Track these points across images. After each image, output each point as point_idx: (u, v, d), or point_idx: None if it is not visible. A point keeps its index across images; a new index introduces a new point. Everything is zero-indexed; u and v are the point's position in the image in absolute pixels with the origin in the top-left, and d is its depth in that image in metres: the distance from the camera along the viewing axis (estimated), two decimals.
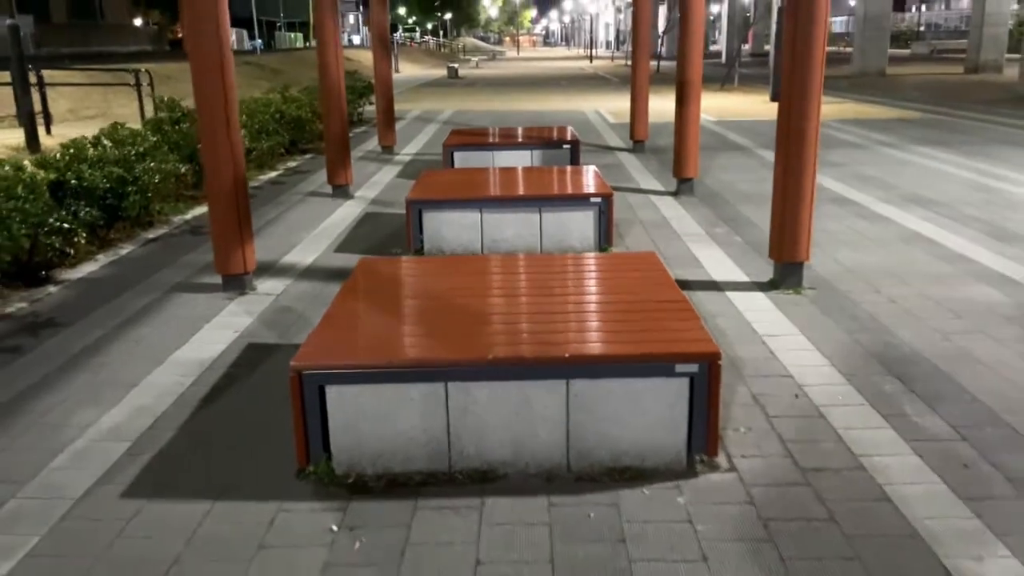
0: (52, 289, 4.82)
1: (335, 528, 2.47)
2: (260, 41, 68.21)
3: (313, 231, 6.31)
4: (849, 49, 32.71)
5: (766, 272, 4.94)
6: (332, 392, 2.68)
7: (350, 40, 73.66)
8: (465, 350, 2.74)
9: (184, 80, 19.16)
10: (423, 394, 2.69)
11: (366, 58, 30.92)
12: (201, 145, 4.63)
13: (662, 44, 32.13)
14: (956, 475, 2.72)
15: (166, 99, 7.83)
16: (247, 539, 2.42)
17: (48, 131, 11.21)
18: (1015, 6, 33.64)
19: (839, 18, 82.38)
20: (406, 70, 38.39)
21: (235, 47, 62.41)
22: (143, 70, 13.43)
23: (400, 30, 71.59)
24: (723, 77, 22.41)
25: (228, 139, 4.51)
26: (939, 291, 4.65)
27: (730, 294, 4.65)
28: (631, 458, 2.76)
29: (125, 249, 5.75)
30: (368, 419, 2.71)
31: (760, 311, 4.36)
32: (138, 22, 56.10)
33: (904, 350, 3.81)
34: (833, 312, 4.34)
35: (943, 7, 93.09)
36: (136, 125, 7.34)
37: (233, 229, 4.65)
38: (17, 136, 10.13)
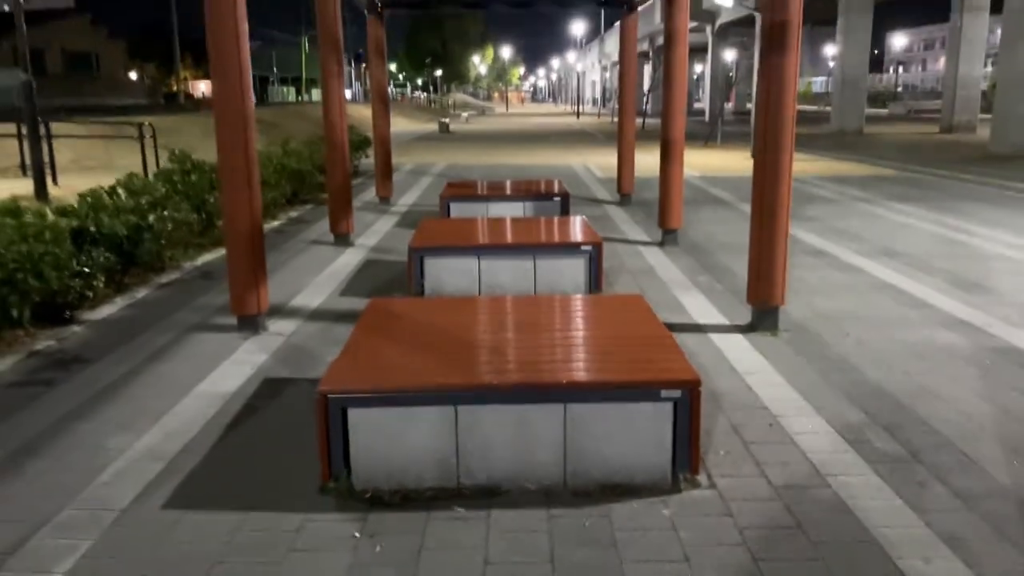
0: (76, 328, 5.12)
1: (357, 535, 2.77)
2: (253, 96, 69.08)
3: (318, 276, 6.66)
4: (828, 109, 33.78)
5: (745, 316, 5.31)
6: (354, 414, 3.00)
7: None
8: (472, 377, 3.07)
9: (182, 133, 19.62)
10: (434, 416, 3.01)
11: (358, 112, 31.70)
12: (221, 193, 4.99)
13: (647, 102, 33.07)
14: (911, 492, 3.05)
15: (177, 152, 8.22)
16: (279, 543, 2.71)
17: (55, 181, 11.58)
18: (987, 69, 34.96)
19: (819, 79, 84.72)
20: (398, 124, 39.13)
21: None
22: (147, 123, 13.87)
23: (392, 85, 73.03)
24: (706, 135, 23.19)
25: (248, 188, 4.88)
26: (904, 334, 5.02)
27: (711, 335, 5.01)
28: (622, 476, 3.07)
29: (141, 293, 6.07)
30: (385, 439, 3.02)
31: (739, 351, 4.71)
32: (133, 76, 57.09)
33: (869, 386, 4.16)
34: (806, 352, 4.70)
35: (920, 69, 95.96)
36: (139, 176, 7.70)
37: (249, 273, 4.99)
38: (23, 185, 10.49)
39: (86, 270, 5.51)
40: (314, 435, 3.06)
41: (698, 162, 16.80)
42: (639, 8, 10.63)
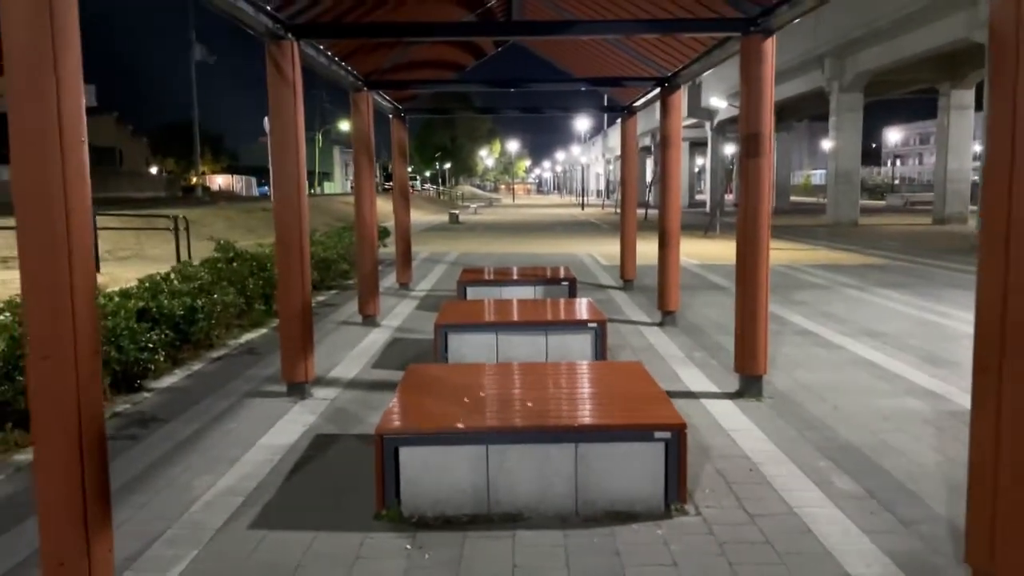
0: (147, 395, 5.84)
1: (408, 547, 3.42)
2: (266, 187, 71.62)
3: (351, 352, 7.40)
4: (825, 201, 35.00)
5: (734, 386, 5.99)
6: (404, 452, 3.69)
7: (352, 187, 77.42)
8: (500, 421, 3.77)
9: (207, 224, 20.64)
10: (470, 454, 3.70)
11: None
12: (278, 273, 5.78)
13: (649, 193, 34.39)
14: (863, 519, 3.70)
15: (222, 242, 9.09)
16: (347, 553, 3.36)
17: (98, 268, 12.47)
18: (977, 163, 36.31)
19: (818, 171, 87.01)
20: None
21: (243, 193, 66.02)
22: (181, 216, 14.89)
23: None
24: (706, 225, 24.22)
25: (300, 272, 5.68)
26: (875, 401, 5.70)
27: (703, 401, 5.70)
28: (624, 505, 3.73)
29: (196, 366, 6.80)
30: (429, 473, 3.70)
31: (726, 413, 5.39)
32: (153, 170, 59.34)
33: (839, 441, 4.83)
34: (786, 415, 5.37)
35: (917, 162, 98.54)
36: (164, 266, 8.52)
37: (299, 345, 5.74)
38: None
39: (151, 345, 6.27)
40: (362, 477, 3.76)
41: (697, 251, 17.72)
42: (638, 111, 11.68)
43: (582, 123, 71.04)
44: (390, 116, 11.71)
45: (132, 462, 4.45)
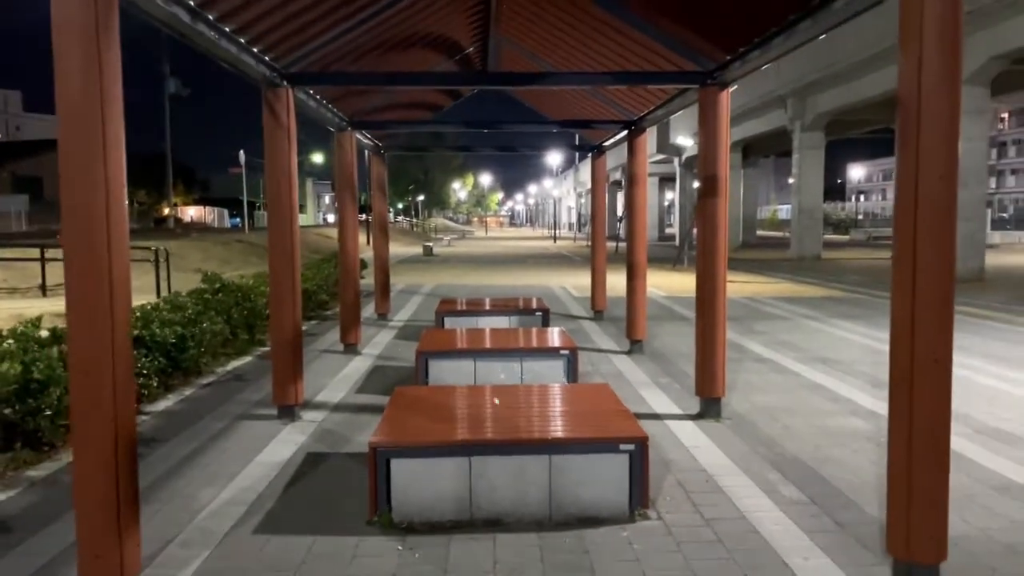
0: (144, 418, 6.17)
1: (400, 548, 3.81)
2: (238, 219, 72.06)
3: (336, 378, 7.77)
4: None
5: (696, 408, 6.46)
6: (395, 463, 4.09)
7: (325, 219, 77.85)
8: (481, 436, 4.19)
9: (184, 256, 20.86)
10: (454, 466, 4.11)
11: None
12: (271, 302, 6.17)
13: (620, 226, 35.17)
14: (804, 521, 4.16)
15: (209, 273, 9.44)
16: (344, 553, 3.75)
17: None
18: None
19: (785, 206, 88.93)
20: None
21: (215, 224, 66.05)
22: (161, 248, 15.16)
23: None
24: (674, 258, 24.90)
25: (292, 301, 6.08)
26: (821, 421, 6.19)
27: (667, 421, 6.15)
28: (593, 510, 4.16)
29: (188, 391, 7.14)
30: (417, 482, 4.10)
31: (687, 432, 5.85)
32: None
33: (787, 456, 5.30)
34: (741, 433, 5.84)
35: (880, 198, 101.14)
36: (144, 297, 8.87)
37: (290, 370, 6.12)
38: (50, 304, 11.61)
39: (144, 371, 6.61)
40: (353, 490, 4.15)
41: (665, 283, 18.32)
42: (607, 151, 12.27)
43: (554, 157, 72.14)
44: (368, 152, 12.17)
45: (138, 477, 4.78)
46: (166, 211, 55.21)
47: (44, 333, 6.18)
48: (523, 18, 8.66)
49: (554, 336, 7.59)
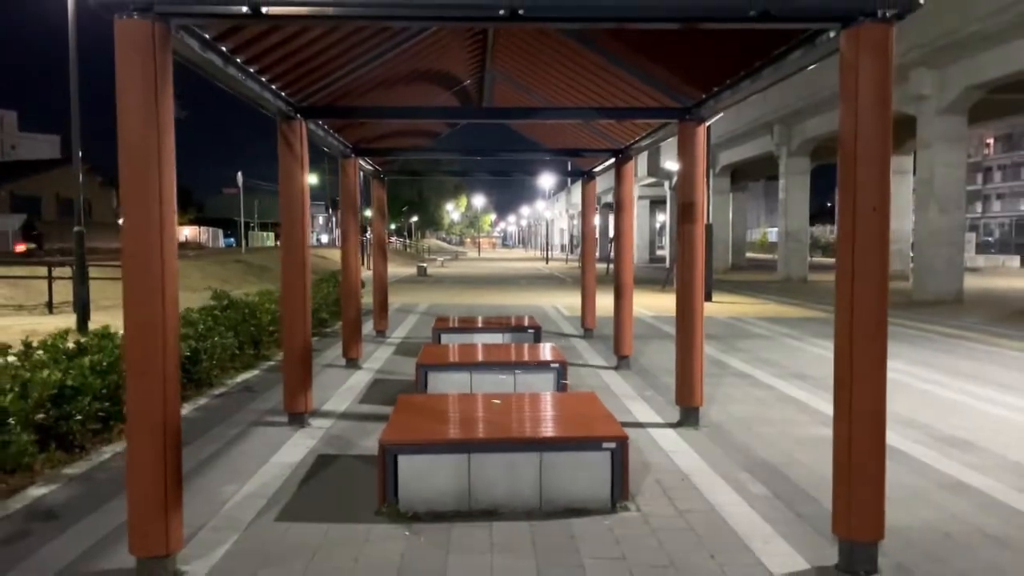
0: None
1: (407, 533, 4.30)
2: (232, 239, 72.59)
3: (339, 390, 8.26)
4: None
5: (676, 417, 6.97)
6: (402, 459, 4.58)
7: (319, 240, 78.41)
8: (479, 435, 4.69)
9: (183, 275, 21.26)
10: (454, 462, 4.60)
11: (333, 255, 33.80)
12: (283, 317, 6.66)
13: (611, 248, 35.82)
14: (768, 513, 4.66)
15: (218, 291, 9.94)
16: (357, 538, 4.22)
17: (89, 317, 13.16)
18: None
19: (775, 228, 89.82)
20: None
21: (210, 244, 66.57)
22: None
23: (369, 231, 76.38)
24: (663, 280, 25.47)
25: (303, 315, 6.58)
26: (793, 430, 6.71)
27: (649, 429, 6.66)
28: (578, 503, 4.65)
29: (202, 401, 7.61)
30: (422, 476, 4.58)
31: (667, 439, 6.35)
32: (121, 221, 59.49)
33: (758, 460, 5.81)
34: (717, 440, 6.35)
35: None
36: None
37: (300, 379, 6.60)
38: (60, 321, 12.07)
39: None
40: (361, 486, 4.62)
41: (654, 304, 18.87)
42: (597, 176, 12.85)
43: (546, 180, 72.97)
44: (367, 177, 12.72)
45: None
46: None
47: (71, 345, 6.66)
48: (517, 55, 9.26)
49: (545, 351, 8.09)
